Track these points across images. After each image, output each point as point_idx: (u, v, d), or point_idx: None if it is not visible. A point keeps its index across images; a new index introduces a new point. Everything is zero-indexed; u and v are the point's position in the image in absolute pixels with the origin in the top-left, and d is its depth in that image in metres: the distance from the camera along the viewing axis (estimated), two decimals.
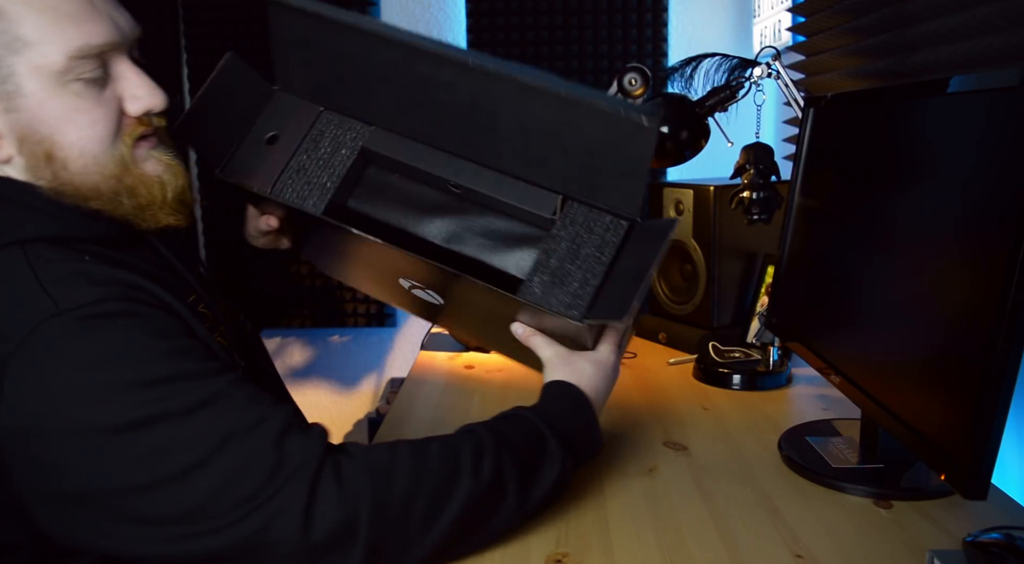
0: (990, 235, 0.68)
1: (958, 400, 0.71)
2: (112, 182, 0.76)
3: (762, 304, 1.40)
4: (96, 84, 0.73)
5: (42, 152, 0.72)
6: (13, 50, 0.69)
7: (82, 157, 0.74)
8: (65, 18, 0.70)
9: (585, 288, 0.84)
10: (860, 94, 1.05)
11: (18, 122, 0.71)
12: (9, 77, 0.69)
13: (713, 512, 0.87)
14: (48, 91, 0.71)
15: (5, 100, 0.70)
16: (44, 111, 0.71)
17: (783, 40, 1.82)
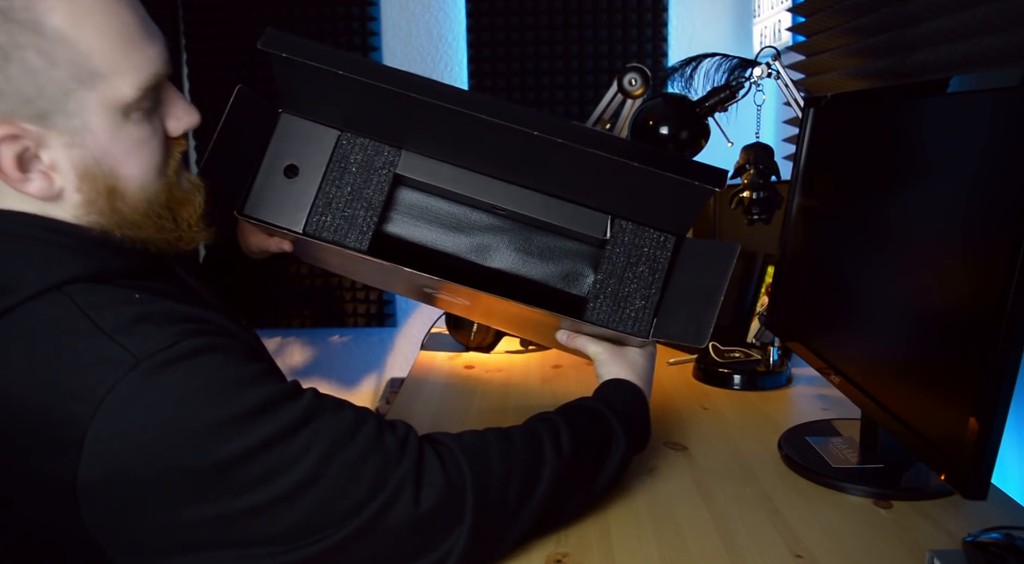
0: (990, 235, 0.68)
1: (958, 400, 0.71)
2: (158, 208, 0.73)
3: (762, 304, 1.40)
4: (150, 112, 0.70)
5: (104, 187, 0.68)
6: (86, 85, 0.64)
7: (140, 189, 0.71)
8: (132, 45, 0.66)
9: (647, 306, 0.89)
10: (860, 94, 1.05)
11: (82, 158, 0.67)
12: (78, 112, 0.65)
13: (713, 512, 0.87)
14: (115, 124, 0.67)
15: (70, 135, 0.66)
16: (112, 145, 0.67)
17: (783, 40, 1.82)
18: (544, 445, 0.78)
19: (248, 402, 0.64)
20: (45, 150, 0.65)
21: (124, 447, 0.61)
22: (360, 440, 0.68)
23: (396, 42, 2.25)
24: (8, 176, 0.65)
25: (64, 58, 0.63)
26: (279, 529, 0.65)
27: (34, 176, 0.66)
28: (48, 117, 0.64)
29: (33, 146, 0.65)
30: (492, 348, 1.50)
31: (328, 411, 0.69)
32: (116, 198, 0.69)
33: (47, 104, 0.64)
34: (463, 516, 0.70)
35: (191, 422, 0.62)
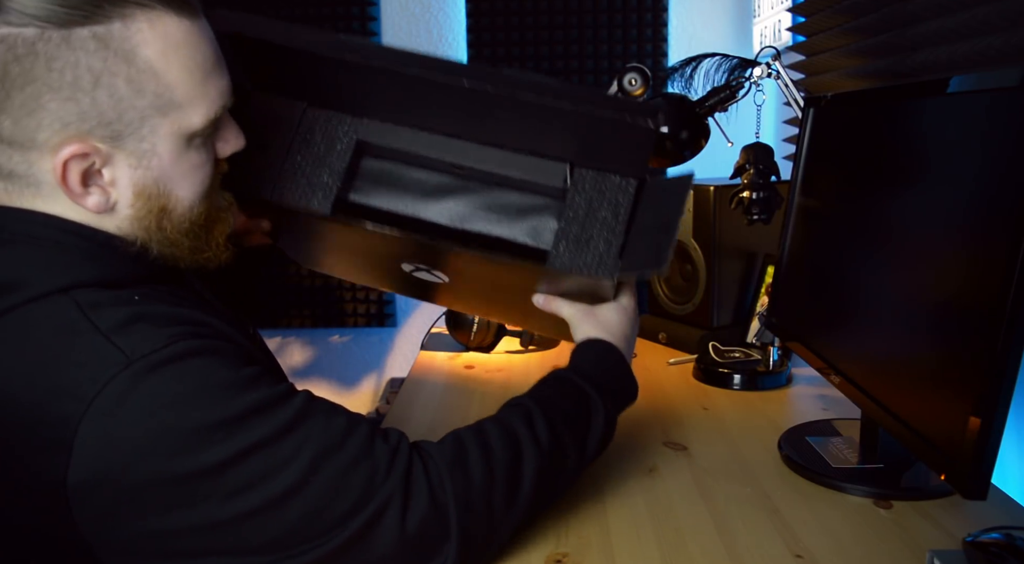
0: (990, 235, 0.68)
1: (958, 400, 0.71)
2: (197, 228, 0.75)
3: (762, 304, 1.40)
4: (209, 137, 0.73)
5: (158, 207, 0.71)
6: (159, 112, 0.67)
7: (188, 209, 0.73)
8: (208, 79, 0.69)
9: (610, 248, 0.87)
10: (860, 94, 1.05)
11: (144, 179, 0.69)
12: (149, 136, 0.68)
13: (713, 512, 0.87)
14: (179, 151, 0.70)
15: (137, 158, 0.68)
16: (173, 170, 0.70)
17: (783, 40, 1.82)
18: (521, 441, 0.76)
19: (238, 406, 0.64)
20: (108, 167, 0.67)
21: (113, 448, 0.61)
22: (350, 447, 0.67)
23: (396, 42, 2.25)
24: (72, 191, 0.67)
25: (150, 89, 0.66)
26: (268, 537, 0.64)
27: (94, 191, 0.68)
28: (121, 139, 0.66)
29: (99, 164, 0.67)
30: (492, 348, 1.50)
31: (320, 415, 0.68)
32: (164, 217, 0.72)
33: (123, 127, 0.66)
34: (449, 533, 0.69)
35: (180, 424, 0.62)
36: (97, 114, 0.65)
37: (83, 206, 0.68)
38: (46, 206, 0.69)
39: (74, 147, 0.65)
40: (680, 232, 1.50)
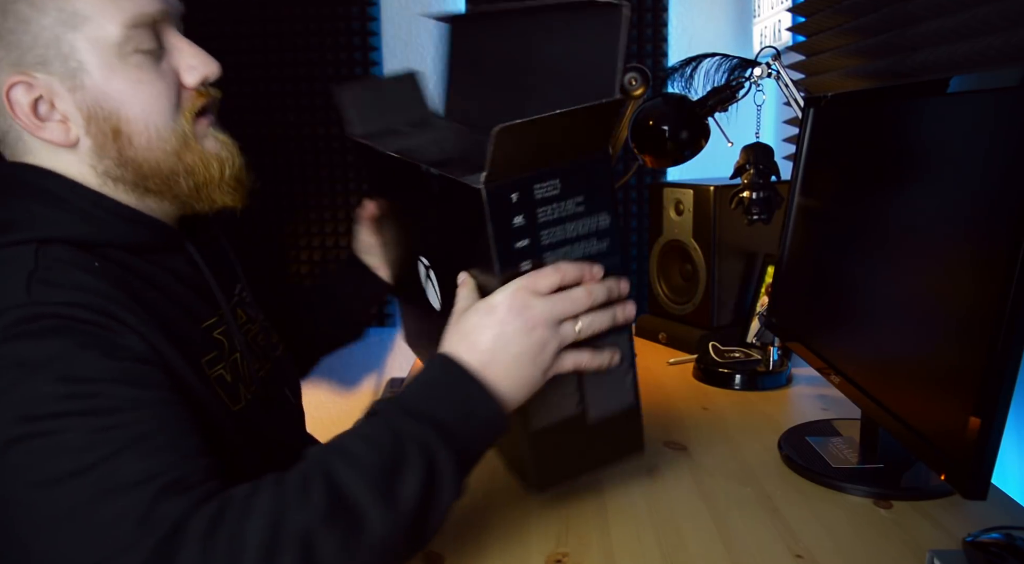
0: (990, 235, 0.68)
1: (958, 400, 0.71)
2: (173, 159, 0.76)
3: (762, 304, 1.40)
4: (153, 55, 0.74)
5: (109, 128, 0.73)
6: (72, 26, 0.70)
7: (146, 131, 0.74)
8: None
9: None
10: (860, 94, 1.05)
11: (84, 100, 0.72)
12: (71, 53, 0.70)
13: (713, 512, 0.87)
14: (110, 65, 0.72)
15: (70, 78, 0.71)
16: (109, 85, 0.72)
17: (783, 40, 1.82)
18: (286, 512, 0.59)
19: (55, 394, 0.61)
20: (58, 100, 0.72)
21: None
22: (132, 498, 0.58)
23: (396, 42, 2.25)
24: (24, 122, 0.71)
25: (49, 5, 0.70)
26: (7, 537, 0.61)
27: (50, 125, 0.72)
28: (48, 62, 0.70)
29: (46, 95, 0.71)
30: None
31: (127, 452, 0.60)
32: (123, 142, 0.74)
33: (43, 50, 0.70)
34: None
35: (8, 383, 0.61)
36: (16, 42, 0.69)
37: (45, 139, 0.72)
38: (38, 160, 0.74)
39: (12, 78, 0.70)
40: (681, 232, 1.51)
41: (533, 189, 0.71)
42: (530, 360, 0.70)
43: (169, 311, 0.75)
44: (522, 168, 0.70)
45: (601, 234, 0.75)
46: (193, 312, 0.79)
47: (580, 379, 0.78)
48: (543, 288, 0.71)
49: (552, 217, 0.73)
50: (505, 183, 0.70)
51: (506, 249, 0.71)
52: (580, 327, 0.73)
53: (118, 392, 0.63)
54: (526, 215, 0.71)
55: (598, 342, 0.76)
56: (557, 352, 0.72)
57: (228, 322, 0.84)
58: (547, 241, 0.73)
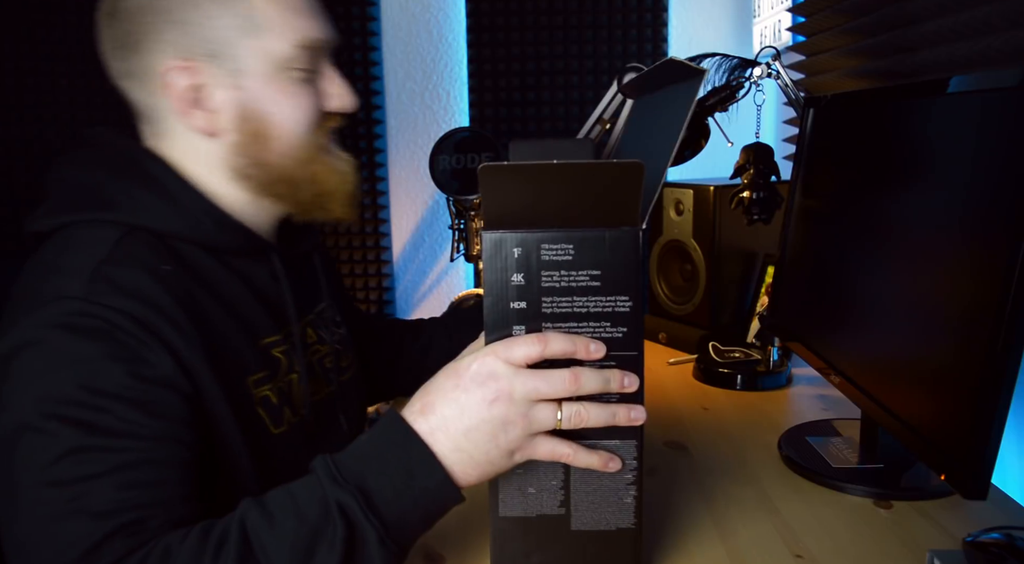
0: (990, 235, 0.68)
1: (958, 400, 0.71)
2: (302, 168, 0.82)
3: (762, 304, 1.40)
4: (307, 75, 0.80)
5: (256, 129, 0.79)
6: (248, 33, 0.76)
7: (286, 138, 0.80)
8: (294, 12, 0.78)
9: None
10: (860, 94, 1.05)
11: (239, 100, 0.78)
12: (240, 56, 0.76)
13: (713, 512, 0.87)
14: (271, 75, 0.78)
15: (232, 77, 0.77)
16: (265, 93, 0.78)
17: (783, 40, 1.82)
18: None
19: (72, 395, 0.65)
20: (214, 93, 0.77)
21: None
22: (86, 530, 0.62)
23: (396, 42, 2.25)
24: (178, 104, 0.76)
25: (238, 10, 0.76)
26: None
27: (200, 113, 0.77)
28: (216, 57, 0.76)
29: (205, 85, 0.76)
30: None
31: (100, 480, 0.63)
32: (263, 145, 0.79)
33: (217, 47, 0.76)
34: None
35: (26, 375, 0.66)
36: (195, 33, 0.75)
37: (192, 125, 0.78)
38: (170, 146, 0.80)
39: (178, 62, 0.75)
40: (681, 232, 1.51)
41: (540, 248, 0.65)
42: (488, 436, 0.63)
43: (224, 325, 0.77)
44: (529, 222, 0.65)
45: (618, 319, 0.66)
46: (253, 327, 0.81)
47: (567, 476, 0.69)
48: (517, 357, 0.63)
49: (558, 285, 0.66)
50: (508, 234, 0.65)
51: (498, 306, 0.66)
52: (562, 416, 0.64)
53: (126, 415, 0.66)
54: (527, 275, 0.66)
55: (595, 441, 0.68)
56: (529, 435, 0.64)
57: (293, 341, 0.86)
58: (548, 310, 0.66)
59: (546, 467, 0.69)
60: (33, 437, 0.64)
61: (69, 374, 0.65)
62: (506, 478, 0.69)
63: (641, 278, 0.67)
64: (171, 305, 0.71)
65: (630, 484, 0.69)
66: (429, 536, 0.83)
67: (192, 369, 0.71)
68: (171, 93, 0.76)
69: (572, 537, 0.70)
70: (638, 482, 0.69)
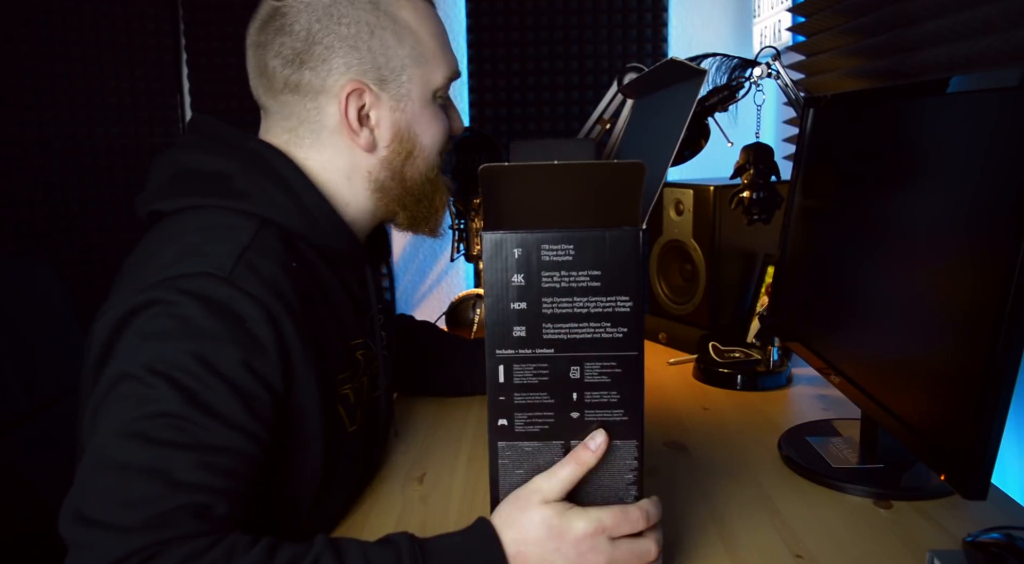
0: (990, 235, 0.68)
1: (958, 400, 0.71)
2: (428, 185, 0.90)
3: (762, 304, 1.40)
4: (445, 103, 0.91)
5: (406, 149, 0.87)
6: (417, 62, 0.85)
7: (425, 157, 0.88)
8: (445, 47, 0.89)
9: None
10: (860, 94, 1.05)
11: (399, 121, 0.86)
12: (407, 82, 0.85)
13: (713, 512, 0.87)
14: (426, 101, 0.87)
15: (397, 100, 0.85)
16: (420, 116, 0.87)
17: (783, 40, 1.82)
18: None
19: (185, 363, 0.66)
20: (375, 111, 0.84)
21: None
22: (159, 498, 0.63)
23: None
24: (348, 124, 0.83)
25: (409, 42, 0.85)
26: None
27: (364, 131, 0.84)
28: (386, 83, 0.84)
29: (369, 105, 0.84)
30: None
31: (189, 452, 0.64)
32: (409, 162, 0.87)
33: (388, 73, 0.84)
34: None
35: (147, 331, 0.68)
36: (371, 60, 0.83)
37: (355, 144, 0.84)
38: (320, 153, 0.85)
39: (354, 85, 0.82)
40: (681, 232, 1.51)
41: (540, 249, 0.66)
42: None
43: (328, 323, 0.82)
44: (529, 223, 0.66)
45: (618, 319, 0.67)
46: (346, 327, 0.86)
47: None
48: (622, 531, 0.68)
49: (559, 285, 0.66)
50: (508, 235, 0.66)
51: (499, 307, 0.66)
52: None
53: (229, 400, 0.68)
54: (527, 275, 0.66)
55: None
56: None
57: (373, 344, 0.91)
58: (549, 310, 0.67)
59: (547, 467, 0.69)
60: (136, 386, 0.66)
61: (189, 343, 0.67)
62: (506, 478, 0.70)
63: (642, 278, 0.68)
64: (296, 301, 0.75)
65: (631, 484, 0.70)
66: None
67: (296, 366, 0.74)
68: (342, 110, 0.83)
69: None
70: (639, 482, 0.70)
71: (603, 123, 1.52)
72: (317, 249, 0.83)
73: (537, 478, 0.68)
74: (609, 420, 0.69)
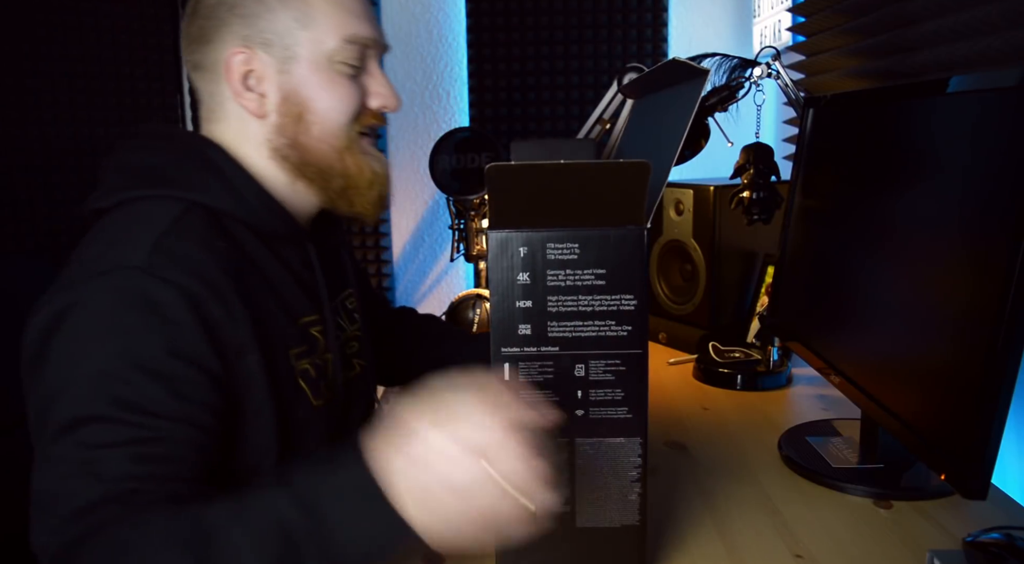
0: (990, 234, 0.68)
1: (958, 400, 0.71)
2: (335, 156, 0.86)
3: (762, 304, 1.40)
4: (353, 70, 0.86)
5: (296, 112, 0.85)
6: (303, 25, 0.83)
7: (322, 125, 0.85)
8: (346, 11, 0.85)
9: None
10: (860, 94, 1.05)
11: (285, 84, 0.84)
12: (292, 46, 0.84)
13: (713, 512, 0.87)
14: (318, 64, 0.84)
15: (282, 63, 0.84)
16: (309, 79, 0.84)
17: (783, 40, 1.82)
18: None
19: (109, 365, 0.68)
20: (265, 77, 0.84)
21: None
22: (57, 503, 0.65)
23: (396, 42, 2.25)
24: (233, 86, 0.83)
25: (295, 6, 0.83)
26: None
27: (251, 95, 0.84)
28: (271, 46, 0.83)
29: (258, 71, 0.83)
30: None
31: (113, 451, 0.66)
32: (302, 127, 0.85)
33: (272, 36, 0.83)
34: None
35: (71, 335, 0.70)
36: (256, 25, 0.83)
37: (243, 106, 0.84)
38: (224, 129, 0.86)
39: (238, 48, 0.83)
40: (681, 232, 1.51)
41: (546, 247, 0.66)
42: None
43: (269, 301, 0.82)
44: (535, 221, 0.66)
45: (622, 317, 0.67)
46: (292, 306, 0.86)
47: (572, 473, 0.70)
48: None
49: (564, 284, 0.66)
50: (514, 234, 0.66)
51: (504, 305, 0.67)
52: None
53: (154, 393, 0.69)
54: (533, 274, 0.66)
55: (600, 439, 0.68)
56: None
57: (327, 321, 0.90)
58: (554, 309, 0.67)
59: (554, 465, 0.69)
60: (69, 395, 0.68)
61: (113, 343, 0.69)
62: None
63: (646, 277, 0.68)
64: (223, 279, 0.75)
65: (635, 481, 0.70)
66: None
67: (230, 341, 0.75)
68: (230, 77, 0.83)
69: (577, 534, 0.71)
70: (642, 479, 0.70)
71: (603, 123, 1.52)
72: (251, 228, 0.84)
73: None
74: (613, 418, 0.69)
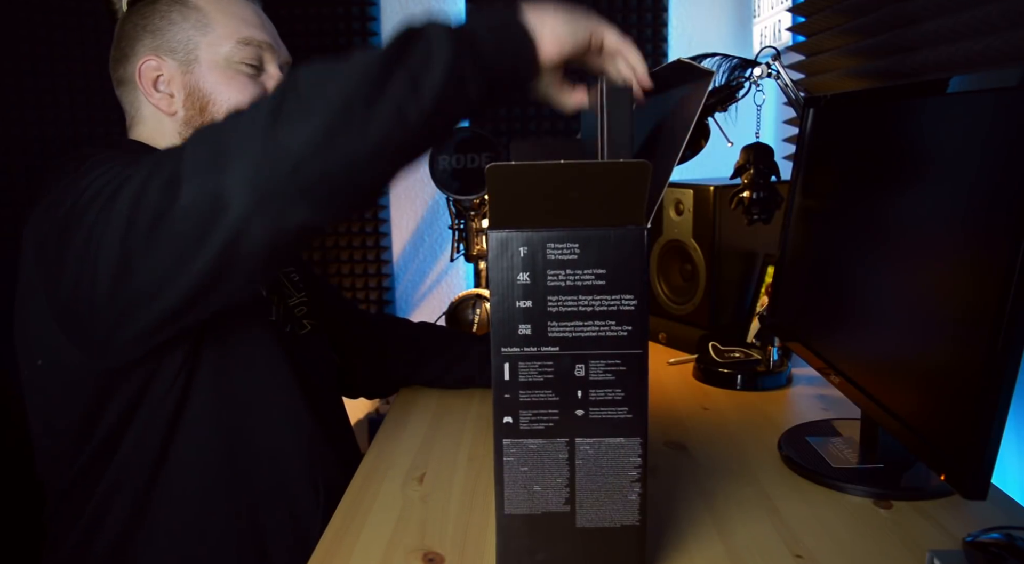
0: (990, 235, 0.68)
1: (958, 400, 0.71)
2: None
3: (762, 304, 1.40)
4: (251, 69, 1.01)
5: (200, 105, 0.99)
6: (201, 32, 0.99)
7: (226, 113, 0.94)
8: (239, 20, 1.01)
9: None
10: (860, 94, 1.05)
11: (189, 82, 0.99)
12: (193, 50, 0.99)
13: (713, 512, 0.87)
14: (217, 64, 0.99)
15: (186, 65, 0.99)
16: (209, 76, 0.99)
17: (783, 40, 1.82)
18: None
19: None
20: (172, 79, 1.00)
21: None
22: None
23: None
24: (144, 88, 1.00)
25: (193, 17, 1.00)
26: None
27: (160, 95, 1.00)
28: (175, 52, 0.99)
29: (166, 74, 0.99)
30: None
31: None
32: (207, 118, 0.99)
33: (175, 43, 0.99)
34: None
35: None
36: (162, 37, 0.99)
37: (154, 104, 1.00)
38: (142, 130, 1.03)
39: (148, 56, 0.99)
40: (681, 232, 1.51)
41: (546, 247, 0.67)
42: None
43: None
44: (535, 221, 0.66)
45: (623, 317, 0.68)
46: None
47: (572, 473, 0.71)
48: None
49: (564, 284, 0.67)
50: (514, 233, 0.66)
51: (504, 305, 0.67)
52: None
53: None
54: (533, 274, 0.67)
55: (600, 438, 0.69)
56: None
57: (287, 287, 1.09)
58: (554, 309, 0.67)
59: (552, 465, 0.70)
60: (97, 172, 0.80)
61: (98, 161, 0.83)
62: (511, 476, 0.70)
63: (646, 277, 0.68)
64: None
65: (635, 481, 0.70)
66: (429, 536, 0.83)
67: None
68: (142, 81, 0.99)
69: (577, 534, 0.71)
70: (643, 479, 0.71)
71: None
72: None
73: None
74: (613, 418, 0.69)
